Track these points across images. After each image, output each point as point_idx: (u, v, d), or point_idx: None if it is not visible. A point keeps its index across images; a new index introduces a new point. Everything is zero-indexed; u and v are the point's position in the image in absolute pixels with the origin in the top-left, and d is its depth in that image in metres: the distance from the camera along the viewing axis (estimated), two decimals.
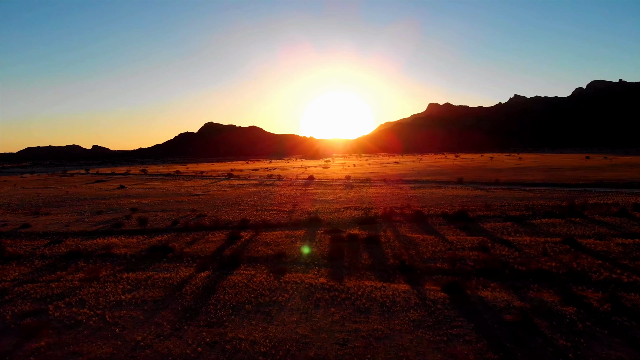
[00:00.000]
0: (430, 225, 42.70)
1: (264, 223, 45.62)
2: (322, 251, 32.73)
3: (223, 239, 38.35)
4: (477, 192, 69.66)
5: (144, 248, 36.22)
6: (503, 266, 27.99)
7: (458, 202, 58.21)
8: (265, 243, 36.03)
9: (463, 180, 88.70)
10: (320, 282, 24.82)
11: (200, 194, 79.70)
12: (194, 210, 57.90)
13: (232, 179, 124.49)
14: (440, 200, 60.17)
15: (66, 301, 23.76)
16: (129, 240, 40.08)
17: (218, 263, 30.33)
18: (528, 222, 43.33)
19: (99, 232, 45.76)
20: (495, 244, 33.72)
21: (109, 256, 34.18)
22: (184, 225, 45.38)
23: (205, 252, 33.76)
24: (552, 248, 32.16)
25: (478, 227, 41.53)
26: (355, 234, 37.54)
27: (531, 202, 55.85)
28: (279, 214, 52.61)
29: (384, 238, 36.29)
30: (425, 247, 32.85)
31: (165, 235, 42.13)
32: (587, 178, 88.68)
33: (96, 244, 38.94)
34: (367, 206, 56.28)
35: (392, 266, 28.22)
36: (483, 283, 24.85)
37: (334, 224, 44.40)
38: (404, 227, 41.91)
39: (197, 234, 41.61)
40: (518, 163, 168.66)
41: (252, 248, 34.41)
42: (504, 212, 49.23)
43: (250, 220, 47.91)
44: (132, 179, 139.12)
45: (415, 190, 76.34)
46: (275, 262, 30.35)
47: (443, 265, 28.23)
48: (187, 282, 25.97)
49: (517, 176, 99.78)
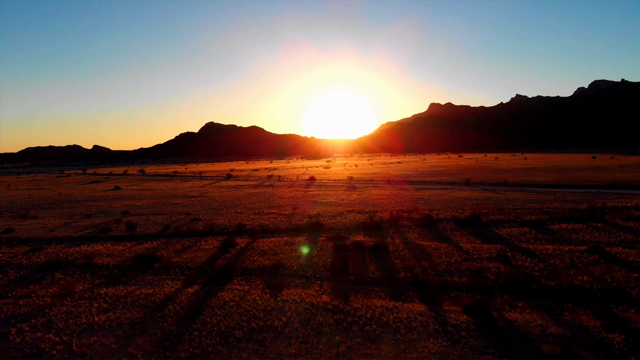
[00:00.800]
0: (441, 231, 39.50)
1: (261, 228, 42.46)
2: (325, 261, 29.56)
3: (216, 247, 35.19)
4: (486, 194, 66.43)
5: (129, 257, 33.06)
6: (529, 280, 24.79)
7: (468, 205, 55.00)
8: (262, 252, 32.86)
9: (470, 181, 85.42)
10: (322, 301, 21.63)
11: (196, 196, 76.57)
12: (188, 213, 54.75)
13: (231, 180, 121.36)
14: (448, 203, 56.95)
15: (32, 323, 20.62)
16: (115, 248, 36.93)
17: (208, 276, 27.17)
18: (546, 228, 40.11)
19: (84, 237, 42.64)
20: (516, 254, 30.52)
21: (89, 267, 31.02)
22: (176, 231, 42.25)
23: (196, 262, 30.61)
24: (580, 259, 28.94)
25: (493, 233, 38.33)
26: (360, 242, 34.36)
27: (545, 205, 52.63)
28: (278, 217, 49.45)
29: (392, 246, 33.10)
30: (439, 258, 29.65)
31: (155, 241, 39.00)
32: (599, 179, 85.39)
33: (79, 251, 35.81)
34: (371, 209, 53.12)
35: (404, 281, 25.04)
36: (509, 302, 21.68)
37: (337, 230, 41.23)
38: (412, 233, 38.72)
39: (188, 241, 38.47)
40: (524, 163, 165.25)
41: (247, 257, 31.25)
42: (519, 216, 46.02)
43: (247, 225, 44.75)
44: (128, 180, 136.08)
45: (421, 191, 73.10)
46: (273, 274, 27.19)
47: (461, 279, 25.05)
48: (171, 300, 22.81)
49: (525, 177, 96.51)
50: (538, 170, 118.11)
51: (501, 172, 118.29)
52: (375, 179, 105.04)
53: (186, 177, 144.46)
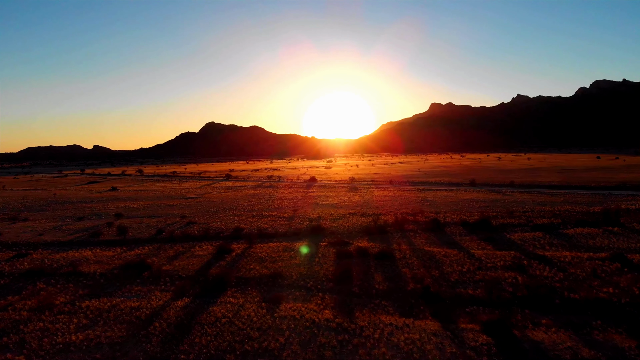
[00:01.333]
0: (450, 236, 37.36)
1: (259, 232, 40.35)
2: (326, 270, 27.44)
3: (211, 253, 33.08)
4: (493, 196, 64.27)
5: (117, 264, 30.95)
6: (550, 293, 22.67)
7: (475, 207, 52.86)
8: (260, 258, 30.74)
9: (475, 182, 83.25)
10: (324, 318, 19.51)
11: (194, 197, 74.46)
12: (184, 216, 52.65)
13: (230, 181, 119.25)
14: (455, 205, 54.80)
15: (3, 342, 18.57)
16: (104, 254, 34.84)
17: (201, 286, 25.07)
18: (560, 232, 37.98)
19: (73, 242, 40.53)
20: (532, 262, 28.38)
21: (74, 275, 28.92)
22: (169, 235, 40.12)
23: (188, 271, 28.49)
24: (601, 267, 26.80)
25: (505, 238, 36.19)
26: (364, 248, 32.23)
27: (556, 208, 50.49)
28: (277, 221, 47.33)
29: (398, 253, 30.96)
30: (450, 266, 27.51)
31: (147, 247, 36.92)
32: (606, 180, 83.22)
33: (65, 258, 33.72)
34: (374, 212, 51.00)
35: (414, 293, 22.91)
36: (531, 318, 19.56)
37: (339, 234, 39.12)
38: (419, 238, 36.58)
39: (182, 246, 36.36)
40: (528, 163, 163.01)
41: (243, 265, 29.12)
42: (530, 219, 43.87)
43: (244, 228, 42.64)
44: (126, 180, 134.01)
45: (425, 193, 70.94)
46: (270, 285, 25.08)
47: (476, 291, 22.93)
48: (158, 316, 20.71)
49: (530, 177, 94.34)
50: (543, 171, 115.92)
51: (505, 172, 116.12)
52: (377, 180, 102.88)
53: (185, 177, 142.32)
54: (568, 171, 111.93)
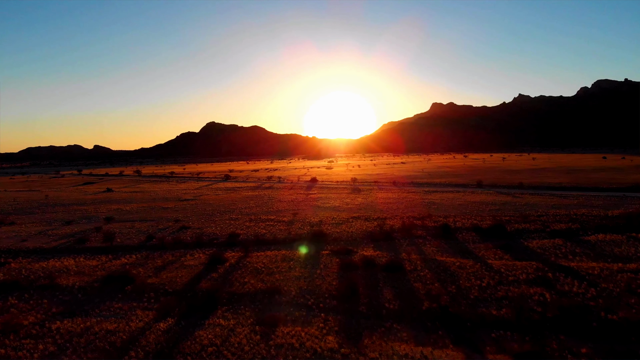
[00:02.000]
0: (462, 244, 34.54)
1: (256, 239, 37.56)
2: (329, 284, 24.65)
3: (202, 263, 30.30)
4: (503, 198, 61.41)
5: (100, 276, 28.19)
6: (584, 313, 19.87)
7: (486, 210, 50.02)
8: (255, 270, 27.95)
9: (482, 183, 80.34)
10: (328, 348, 16.73)
11: (190, 199, 71.68)
12: (178, 220, 49.87)
13: (228, 182, 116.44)
14: (464, 208, 51.97)
15: None
16: (87, 264, 32.08)
17: (188, 303, 22.28)
18: (581, 240, 35.15)
19: (57, 249, 37.79)
20: (558, 274, 25.57)
21: (51, 289, 26.17)
22: (160, 242, 37.34)
23: (175, 284, 25.71)
24: (636, 281, 23.99)
25: (522, 246, 33.38)
26: (370, 257, 29.43)
27: (572, 212, 47.64)
28: (275, 225, 44.52)
29: (408, 264, 28.15)
30: (468, 280, 24.69)
31: (134, 255, 34.16)
32: (618, 181, 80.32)
33: (45, 268, 30.97)
34: (379, 215, 48.19)
35: (430, 313, 20.11)
36: (568, 346, 16.77)
37: (342, 241, 36.35)
38: (430, 246, 33.77)
39: (172, 254, 33.59)
40: (533, 163, 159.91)
41: (237, 278, 26.34)
42: (546, 224, 41.02)
43: (240, 234, 39.84)
44: (123, 182, 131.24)
45: (431, 195, 68.07)
46: (266, 302, 22.30)
47: (500, 311, 20.13)
48: (136, 342, 17.95)
49: (538, 178, 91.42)
50: (550, 171, 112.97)
51: (512, 173, 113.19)
52: (380, 181, 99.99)
53: (183, 178, 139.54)
54: (576, 172, 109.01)
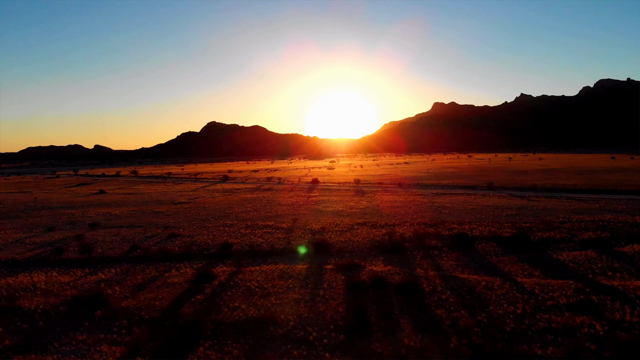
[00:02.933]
0: (483, 256, 30.64)
1: (251, 249, 33.71)
2: (335, 311, 20.75)
3: (188, 280, 26.41)
4: (517, 202, 57.44)
5: (69, 296, 24.35)
6: None
7: (502, 216, 46.08)
8: (248, 290, 24.06)
9: (493, 185, 76.27)
10: None
11: (184, 202, 67.81)
12: (168, 226, 46.00)
13: (227, 183, 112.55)
14: (478, 214, 48.04)
15: None
16: (58, 279, 28.24)
17: (165, 337, 18.44)
18: (616, 251, 31.24)
19: (30, 261, 33.96)
20: (602, 297, 21.64)
21: (10, 313, 22.34)
22: (144, 253, 33.51)
23: (153, 309, 21.84)
24: None
25: (552, 259, 29.46)
26: (381, 275, 25.52)
27: (596, 218, 43.73)
28: (274, 233, 40.62)
29: (426, 283, 24.23)
30: (499, 305, 20.78)
31: (114, 268, 30.34)
32: (635, 183, 76.39)
33: (10, 285, 27.15)
34: (387, 221, 44.27)
35: (461, 354, 16.19)
36: None
37: (347, 252, 32.49)
38: (447, 260, 29.86)
39: (156, 268, 29.76)
40: (541, 164, 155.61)
41: (225, 301, 22.45)
42: (572, 232, 37.12)
43: (234, 244, 35.98)
44: (118, 183, 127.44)
45: (440, 197, 64.10)
46: (258, 336, 18.40)
47: (546, 350, 16.24)
48: None
49: (550, 180, 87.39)
50: (560, 172, 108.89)
51: (521, 174, 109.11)
52: (384, 182, 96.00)
53: (180, 179, 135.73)
54: (587, 173, 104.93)
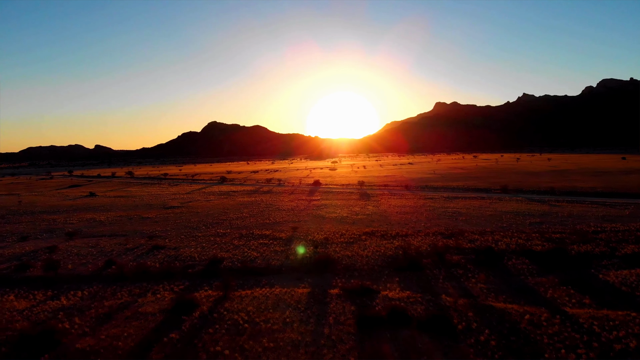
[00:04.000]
0: (517, 276, 25.88)
1: (243, 266, 29.01)
2: None
3: (164, 310, 21.69)
4: (538, 207, 52.62)
5: (16, 330, 19.68)
6: None
7: (526, 224, 41.26)
8: (235, 327, 19.32)
9: (507, 188, 71.31)
10: None
11: (176, 207, 63.08)
12: (153, 236, 41.26)
13: (224, 184, 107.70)
14: (498, 221, 43.21)
15: None
16: (13, 305, 23.60)
17: None
18: None
19: None
20: None
21: None
22: (118, 271, 28.81)
23: (113, 355, 17.12)
24: None
25: (598, 281, 24.71)
26: (400, 305, 20.76)
27: (631, 226, 38.94)
28: (270, 245, 35.86)
29: (457, 316, 19.46)
30: (555, 352, 16.01)
31: (81, 291, 25.67)
32: None
33: None
34: (398, 231, 39.49)
35: None
36: None
37: (355, 270, 27.79)
38: (475, 282, 25.09)
39: (130, 291, 25.07)
40: (551, 165, 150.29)
41: (205, 344, 17.73)
42: (611, 245, 32.35)
43: (224, 259, 31.26)
44: (111, 184, 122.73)
45: (453, 202, 59.26)
46: None
47: None
48: None
49: (566, 182, 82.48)
50: (574, 174, 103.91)
51: (533, 175, 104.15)
52: (390, 184, 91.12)
53: (177, 180, 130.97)
54: (603, 174, 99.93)
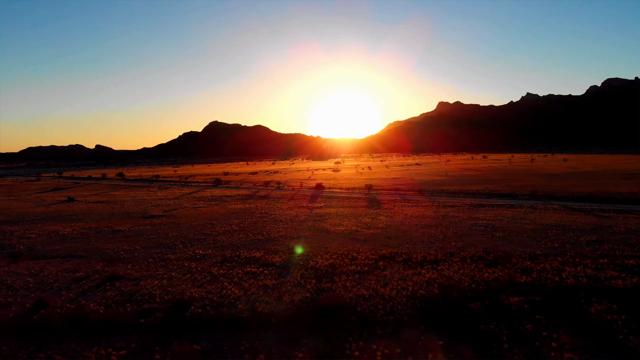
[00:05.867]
0: (613, 335, 17.42)
1: (218, 315, 20.63)
2: None
3: None
4: (584, 219, 44.09)
5: None
6: None
7: (582, 244, 32.59)
8: None
9: (537, 193, 62.62)
10: None
11: (157, 216, 54.71)
12: (114, 258, 32.85)
13: (218, 188, 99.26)
14: (544, 239, 34.65)
15: None
16: None
17: None
18: None
19: None
20: None
21: None
22: (44, 320, 20.48)
23: None
24: None
25: None
26: None
27: None
28: (259, 277, 27.40)
29: None
30: None
31: None
32: None
33: None
34: (424, 252, 31.00)
35: None
36: None
37: (377, 323, 19.43)
38: (559, 348, 16.65)
39: None
40: (569, 166, 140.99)
41: None
42: None
43: (194, 300, 22.84)
44: (98, 187, 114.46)
45: (479, 211, 50.68)
46: None
47: None
48: None
49: (596, 186, 73.92)
50: (601, 177, 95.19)
51: (555, 178, 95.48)
52: (400, 188, 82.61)
53: (168, 183, 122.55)
54: (632, 177, 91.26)
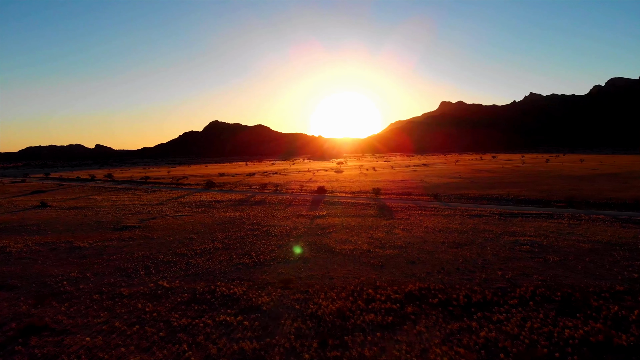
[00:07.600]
0: None
1: None
2: None
3: None
4: None
5: None
6: None
7: None
8: None
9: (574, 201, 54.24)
10: None
11: (130, 228, 46.46)
12: (50, 292, 24.66)
13: (210, 191, 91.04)
14: (614, 265, 26.30)
15: None
16: None
17: None
18: None
19: None
20: None
21: None
22: None
23: None
24: None
25: None
26: None
27: None
28: (237, 330, 19.22)
29: None
30: None
31: None
32: None
33: None
34: (465, 290, 22.78)
35: None
36: None
37: None
38: None
39: None
40: (589, 167, 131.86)
41: None
42: None
43: None
44: (82, 190, 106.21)
45: (513, 223, 42.33)
46: None
47: None
48: None
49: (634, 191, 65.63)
50: (632, 179, 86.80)
51: (582, 180, 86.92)
52: (412, 192, 74.26)
53: (159, 184, 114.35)
54: None
